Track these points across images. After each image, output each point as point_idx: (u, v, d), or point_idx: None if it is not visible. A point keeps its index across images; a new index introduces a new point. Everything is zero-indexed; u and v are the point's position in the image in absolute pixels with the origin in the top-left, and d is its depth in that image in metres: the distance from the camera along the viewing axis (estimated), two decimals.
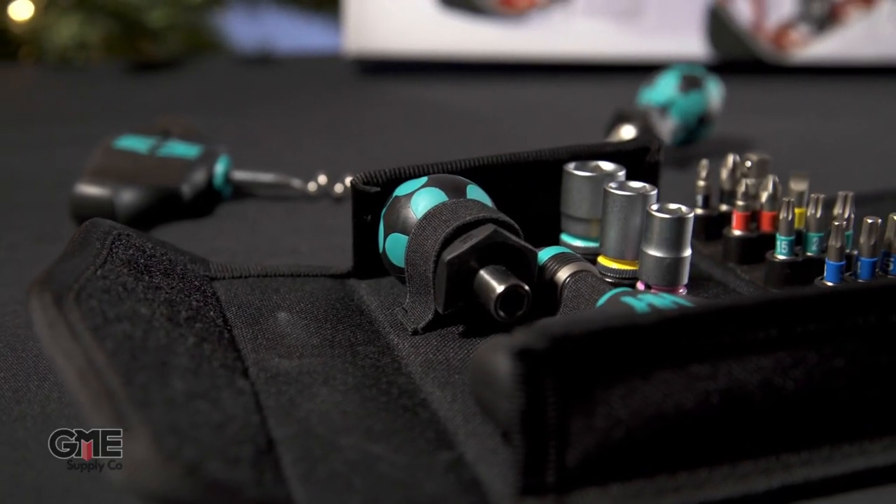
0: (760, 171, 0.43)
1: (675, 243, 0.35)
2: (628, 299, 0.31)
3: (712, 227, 0.44)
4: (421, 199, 0.36)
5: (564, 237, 0.41)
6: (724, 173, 0.44)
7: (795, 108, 0.80)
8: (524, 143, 0.42)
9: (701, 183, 0.44)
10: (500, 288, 0.33)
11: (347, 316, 0.37)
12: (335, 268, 0.41)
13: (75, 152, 0.59)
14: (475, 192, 0.37)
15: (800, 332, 0.27)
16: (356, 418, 0.29)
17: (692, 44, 0.88)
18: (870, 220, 0.36)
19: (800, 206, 0.41)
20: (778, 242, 0.39)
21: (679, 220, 0.35)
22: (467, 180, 0.38)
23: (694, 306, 0.27)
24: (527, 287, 0.33)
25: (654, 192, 0.37)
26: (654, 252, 0.35)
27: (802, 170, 0.43)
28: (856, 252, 0.37)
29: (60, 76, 0.91)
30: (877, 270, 0.36)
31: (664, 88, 0.60)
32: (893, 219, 0.36)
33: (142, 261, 0.35)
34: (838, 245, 0.36)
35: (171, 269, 0.36)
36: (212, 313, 0.34)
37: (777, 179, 0.41)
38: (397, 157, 0.62)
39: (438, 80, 0.88)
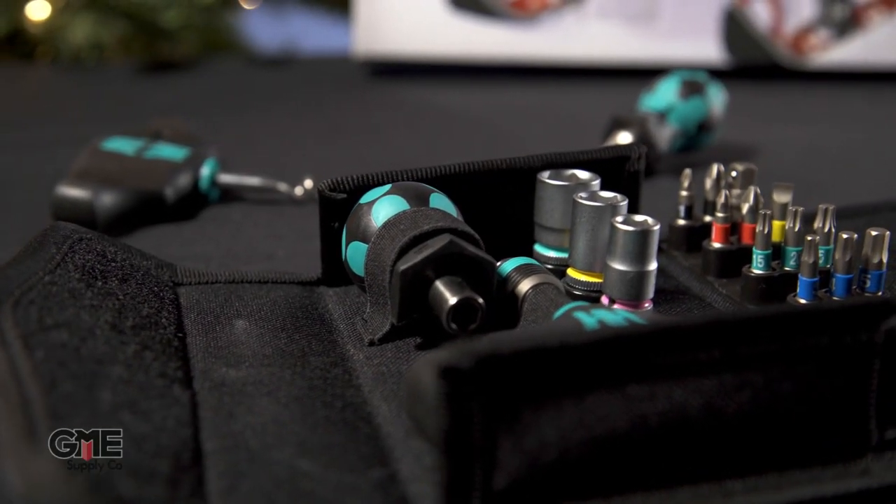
0: (746, 181, 0.42)
1: (640, 257, 0.34)
2: (579, 314, 0.30)
3: (694, 238, 0.43)
4: (382, 208, 0.35)
5: (538, 248, 0.40)
6: (709, 183, 0.43)
7: (809, 115, 0.78)
8: (529, 148, 0.41)
9: (683, 193, 0.43)
10: (452, 300, 0.32)
11: (307, 325, 0.36)
12: (304, 275, 0.40)
13: (77, 153, 0.59)
14: (439, 201, 0.36)
15: (745, 353, 0.26)
16: (292, 432, 0.28)
17: (708, 48, 0.86)
18: (845, 236, 0.34)
19: (783, 218, 0.40)
20: (754, 256, 0.37)
21: (643, 234, 0.34)
22: (432, 188, 0.37)
23: (631, 326, 0.26)
24: (481, 300, 0.32)
25: (625, 203, 0.36)
26: (617, 265, 0.34)
27: (804, 180, 0.41)
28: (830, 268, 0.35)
29: (73, 76, 0.92)
30: (854, 288, 0.35)
31: (664, 94, 0.59)
32: (871, 234, 0.35)
33: (99, 266, 0.35)
34: (811, 261, 0.34)
35: (129, 274, 0.36)
36: (164, 320, 0.34)
37: (758, 191, 0.40)
38: (396, 161, 0.61)
39: (447, 83, 0.87)
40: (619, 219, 0.34)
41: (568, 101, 0.83)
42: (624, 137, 0.57)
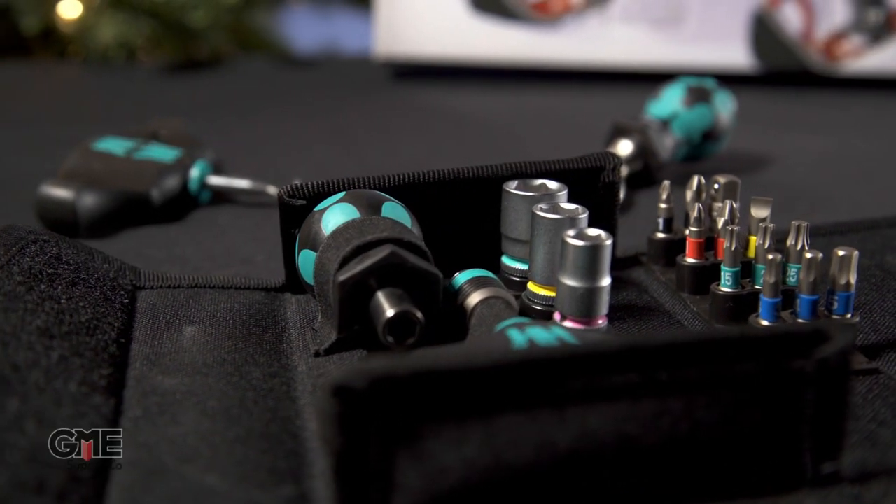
0: (728, 194, 0.41)
1: (590, 272, 0.33)
2: (512, 332, 0.29)
3: (673, 252, 0.41)
4: (332, 216, 0.35)
5: (505, 259, 0.39)
6: (689, 195, 0.41)
7: (837, 124, 0.76)
8: (541, 153, 0.40)
9: (662, 205, 0.41)
10: (389, 313, 0.31)
11: (259, 332, 0.36)
12: (269, 281, 0.40)
13: None
14: (392, 210, 0.35)
15: (664, 380, 0.25)
16: (210, 445, 0.28)
17: (736, 53, 0.84)
18: (809, 255, 0.33)
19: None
20: (722, 273, 0.36)
21: (593, 249, 0.32)
22: (387, 197, 0.36)
23: (545, 347, 0.25)
24: (419, 314, 0.31)
25: (585, 216, 0.35)
26: (567, 281, 0.33)
27: (814, 192, 0.39)
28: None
29: (100, 75, 0.93)
30: (821, 309, 0.34)
31: (668, 101, 0.57)
32: (838, 254, 0.33)
33: (48, 270, 0.35)
34: (772, 280, 0.33)
35: (81, 278, 0.35)
36: (107, 325, 0.33)
37: (735, 204, 0.38)
38: (402, 165, 0.61)
39: (466, 86, 0.87)
40: (571, 232, 0.33)
41: (588, 107, 0.81)
42: (624, 145, 0.55)
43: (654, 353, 0.25)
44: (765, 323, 0.33)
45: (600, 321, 0.34)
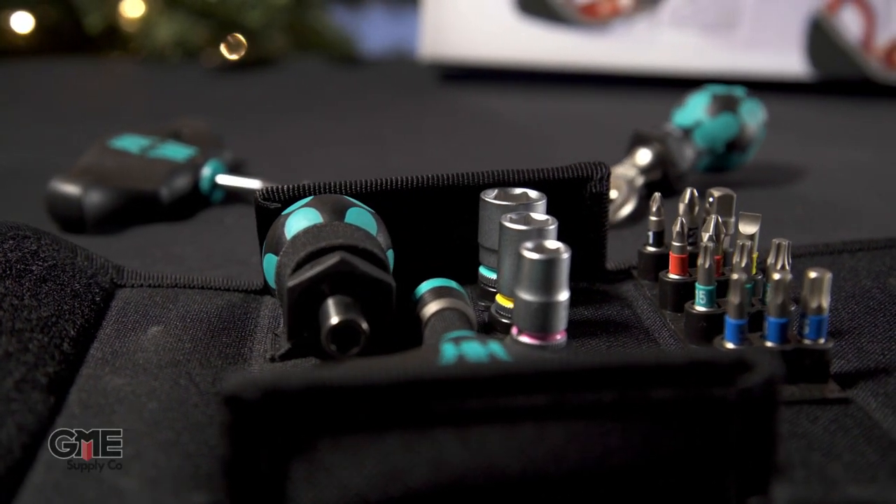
0: (722, 208, 0.39)
1: (545, 287, 0.32)
2: (446, 345, 0.28)
3: (662, 267, 0.40)
4: (295, 220, 0.35)
5: (482, 270, 0.38)
6: (681, 208, 0.40)
7: (888, 136, 0.73)
8: (569, 159, 0.39)
9: (652, 218, 0.40)
10: (333, 320, 0.31)
11: (223, 335, 0.36)
12: (250, 283, 0.40)
13: None
14: (357, 216, 0.35)
15: (573, 404, 0.24)
16: (136, 449, 0.28)
17: (790, 60, 0.81)
18: (777, 276, 0.31)
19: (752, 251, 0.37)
20: (696, 292, 0.34)
21: (549, 262, 0.31)
22: (354, 203, 0.36)
23: (457, 366, 0.24)
24: (364, 325, 0.31)
25: (553, 227, 0.34)
26: (522, 295, 0.32)
27: (841, 207, 0.38)
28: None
29: (155, 73, 0.95)
30: (792, 332, 0.32)
31: (692, 109, 0.56)
32: (809, 276, 0.31)
33: (18, 266, 0.35)
34: (737, 301, 0.31)
35: (52, 275, 0.36)
36: (68, 323, 0.34)
37: (720, 219, 0.37)
38: (423, 167, 0.60)
39: (509, 89, 0.86)
40: (529, 244, 0.32)
41: (633, 113, 0.79)
42: (643, 154, 0.54)
43: (564, 377, 0.24)
44: (729, 345, 0.32)
45: (558, 337, 0.33)
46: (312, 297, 0.32)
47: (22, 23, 1.06)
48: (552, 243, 0.32)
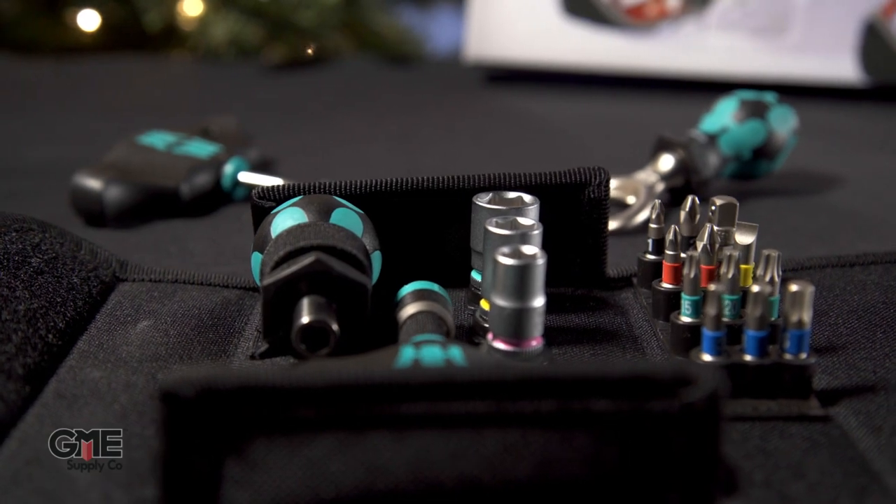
0: (724, 217, 0.38)
1: (518, 292, 0.31)
2: (405, 348, 0.28)
3: (661, 274, 0.39)
4: (281, 220, 0.35)
5: (474, 274, 0.38)
6: (682, 216, 0.39)
7: None
8: (600, 163, 0.39)
9: (652, 225, 0.39)
10: (303, 320, 0.31)
11: (212, 331, 0.36)
12: (248, 281, 0.40)
13: None
14: (343, 217, 0.35)
15: (510, 412, 0.23)
16: (96, 442, 0.28)
17: (843, 65, 0.79)
18: (756, 289, 0.30)
19: (745, 262, 0.36)
20: (682, 302, 0.34)
21: (522, 268, 0.31)
22: (342, 203, 0.36)
23: (377, 372, 0.24)
24: (334, 326, 0.31)
25: (538, 233, 0.34)
26: (497, 300, 0.32)
27: (871, 217, 0.37)
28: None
29: (208, 71, 0.96)
30: (773, 347, 0.31)
31: (720, 115, 0.54)
32: (790, 289, 0.30)
33: (16, 258, 0.36)
34: (713, 313, 0.31)
35: (50, 268, 0.37)
36: (56, 315, 0.35)
37: (715, 228, 0.36)
38: (453, 168, 0.60)
39: (553, 92, 0.85)
40: (505, 249, 0.32)
41: (676, 118, 0.78)
42: (665, 160, 0.53)
43: (503, 385, 0.23)
44: (706, 357, 0.31)
45: (533, 343, 0.32)
46: (288, 296, 0.32)
47: (88, 20, 1.09)
48: (529, 249, 0.32)
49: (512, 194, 0.37)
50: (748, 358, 0.31)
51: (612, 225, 0.49)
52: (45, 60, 1.01)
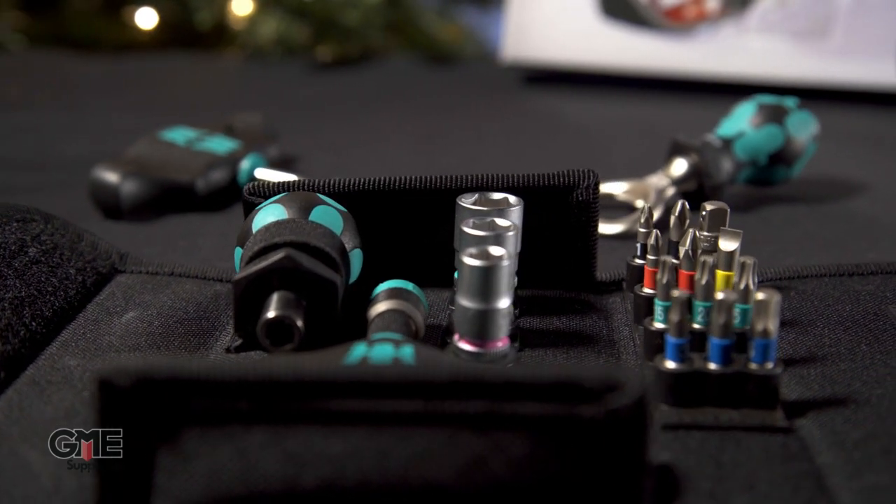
0: (714, 222, 0.38)
1: (483, 293, 0.31)
2: (359, 346, 0.29)
3: None
4: (262, 216, 0.35)
5: (456, 275, 0.38)
6: (672, 221, 0.39)
7: None
8: (623, 166, 0.39)
9: (641, 230, 0.39)
10: (268, 315, 0.32)
11: (195, 324, 0.37)
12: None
13: None
14: (323, 214, 0.35)
15: (431, 412, 0.24)
16: (58, 427, 0.29)
17: (885, 69, 0.77)
18: (721, 296, 0.30)
19: (728, 268, 0.35)
20: (655, 308, 0.33)
21: (487, 269, 0.31)
22: (323, 201, 0.36)
23: (306, 368, 0.24)
24: (299, 322, 0.31)
25: (513, 234, 0.34)
26: (462, 300, 0.32)
27: (887, 226, 0.36)
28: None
29: (255, 70, 0.98)
30: (734, 355, 0.31)
31: (737, 119, 0.54)
32: (756, 298, 0.30)
33: (13, 248, 0.37)
34: (677, 319, 0.30)
35: (46, 259, 0.38)
36: (45, 305, 0.36)
37: (698, 234, 0.36)
38: (474, 168, 0.60)
39: (589, 93, 0.84)
40: (472, 250, 0.32)
41: (708, 120, 0.77)
42: (678, 165, 0.52)
43: (432, 385, 0.24)
44: (669, 364, 0.31)
45: (499, 344, 0.32)
46: (259, 291, 0.33)
47: (146, 18, 1.12)
48: (497, 250, 0.32)
49: (498, 195, 0.37)
50: (712, 366, 0.31)
51: (619, 228, 0.49)
52: (103, 58, 1.04)
